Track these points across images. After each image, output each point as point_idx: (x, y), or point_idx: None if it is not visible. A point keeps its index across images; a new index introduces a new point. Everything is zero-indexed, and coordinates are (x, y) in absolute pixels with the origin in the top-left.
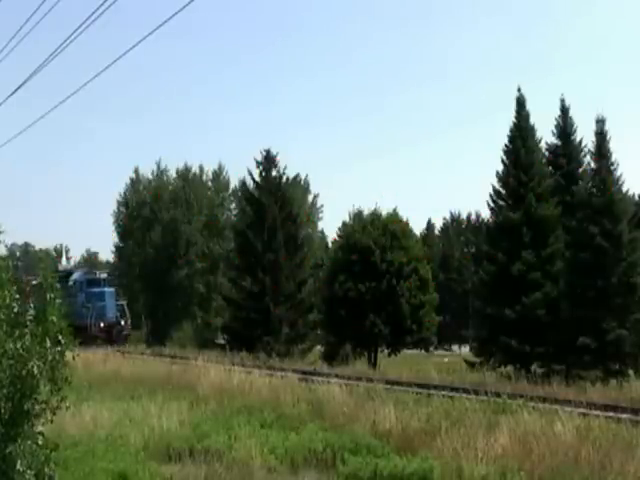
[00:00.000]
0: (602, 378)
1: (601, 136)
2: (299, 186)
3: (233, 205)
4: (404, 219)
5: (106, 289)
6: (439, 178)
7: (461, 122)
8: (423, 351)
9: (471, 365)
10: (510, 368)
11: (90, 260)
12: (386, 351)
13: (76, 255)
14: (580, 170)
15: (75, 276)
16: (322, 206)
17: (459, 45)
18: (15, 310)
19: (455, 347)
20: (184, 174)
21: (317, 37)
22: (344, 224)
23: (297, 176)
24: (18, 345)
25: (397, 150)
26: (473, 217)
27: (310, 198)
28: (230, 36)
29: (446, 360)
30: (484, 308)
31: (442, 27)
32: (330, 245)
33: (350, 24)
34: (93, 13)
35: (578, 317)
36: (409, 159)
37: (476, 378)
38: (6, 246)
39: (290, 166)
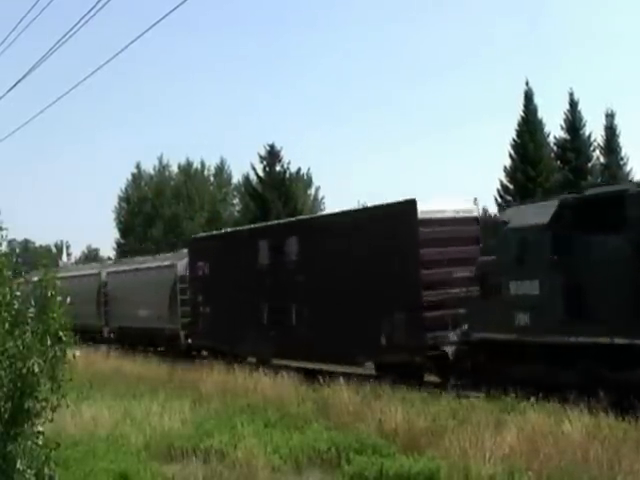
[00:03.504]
0: None
1: (611, 130)
2: (302, 180)
3: (236, 200)
4: None
5: None
6: (444, 174)
7: (465, 119)
8: None
9: None
10: None
11: (91, 257)
12: None
13: (77, 251)
14: (589, 165)
15: None
16: (323, 198)
17: (469, 39)
18: (16, 307)
19: None
20: (186, 169)
21: (322, 28)
22: None
23: (299, 170)
24: (18, 343)
25: (400, 145)
26: (480, 212)
27: (312, 191)
28: (230, 31)
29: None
30: None
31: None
32: None
33: (358, 14)
34: (93, 7)
35: None
36: (413, 154)
37: None
38: (7, 242)
39: (293, 159)
